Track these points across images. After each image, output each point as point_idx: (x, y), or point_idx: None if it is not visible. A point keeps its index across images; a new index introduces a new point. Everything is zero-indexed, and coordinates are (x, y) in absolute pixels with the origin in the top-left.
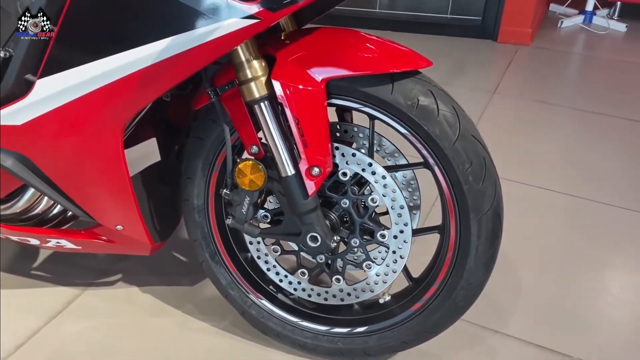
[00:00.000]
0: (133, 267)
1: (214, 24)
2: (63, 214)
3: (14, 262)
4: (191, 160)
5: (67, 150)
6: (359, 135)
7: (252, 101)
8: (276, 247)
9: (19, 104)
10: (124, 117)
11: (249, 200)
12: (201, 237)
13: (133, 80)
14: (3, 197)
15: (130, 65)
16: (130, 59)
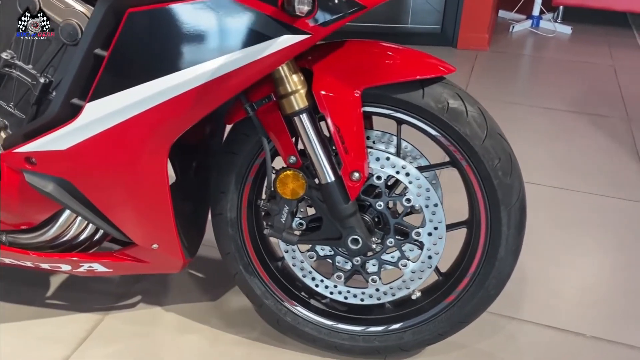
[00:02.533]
0: (151, 288)
1: (267, 41)
2: (90, 238)
3: (26, 291)
4: (224, 175)
5: (111, 173)
6: (381, 140)
7: (293, 113)
8: (312, 254)
9: (65, 128)
10: (171, 137)
11: (287, 209)
12: (235, 250)
13: (184, 100)
14: (37, 224)
15: (182, 85)
16: (183, 79)
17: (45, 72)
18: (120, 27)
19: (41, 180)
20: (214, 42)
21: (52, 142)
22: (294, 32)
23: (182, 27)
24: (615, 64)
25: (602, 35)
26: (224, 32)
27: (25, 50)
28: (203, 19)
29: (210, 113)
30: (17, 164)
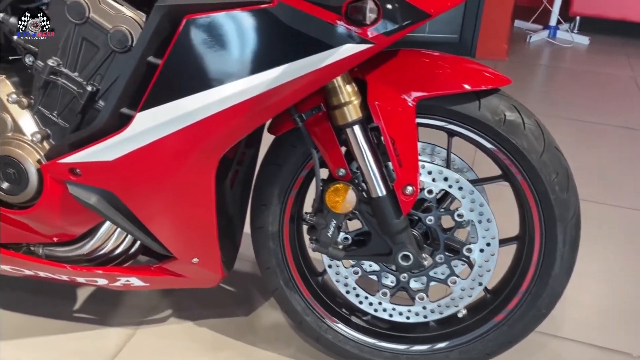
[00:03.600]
0: (181, 301)
1: (329, 50)
2: (126, 252)
3: (52, 304)
4: (267, 187)
5: (158, 185)
6: (425, 151)
7: (345, 125)
8: (357, 269)
9: (114, 139)
10: (222, 149)
11: (335, 223)
12: (275, 264)
13: (239, 111)
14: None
15: (238, 95)
16: (240, 89)
17: (92, 80)
18: (177, 34)
19: (85, 192)
20: (274, 51)
21: (99, 152)
22: (356, 41)
23: (241, 34)
24: (636, 75)
25: (619, 46)
26: (284, 41)
27: (72, 57)
28: (263, 27)
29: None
30: (60, 175)
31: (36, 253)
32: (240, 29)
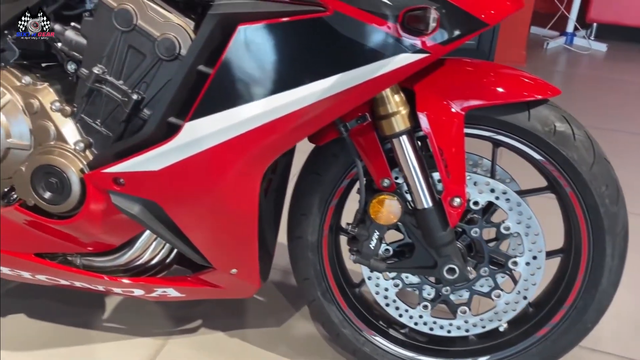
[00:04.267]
0: (211, 311)
1: (384, 59)
2: (162, 263)
3: (81, 313)
4: (307, 197)
5: (203, 195)
6: (468, 162)
7: (392, 135)
8: (397, 282)
9: (161, 148)
10: (270, 159)
11: (377, 235)
12: (313, 275)
13: (290, 120)
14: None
15: (291, 105)
16: (292, 98)
17: (137, 89)
18: (230, 43)
19: (128, 202)
20: (328, 60)
21: (145, 162)
22: (412, 51)
23: (295, 43)
24: None
25: (637, 53)
26: (339, 50)
27: (117, 65)
28: (318, 35)
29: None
30: (104, 184)
31: (73, 263)
32: (295, 37)
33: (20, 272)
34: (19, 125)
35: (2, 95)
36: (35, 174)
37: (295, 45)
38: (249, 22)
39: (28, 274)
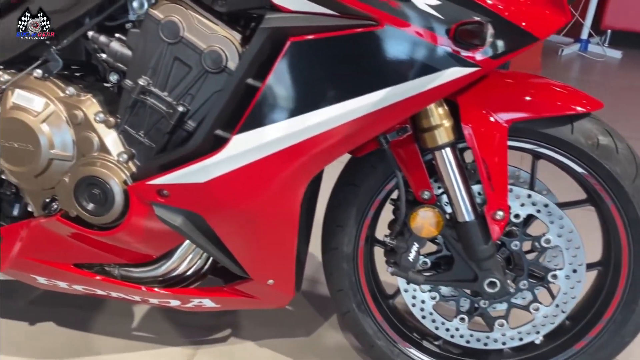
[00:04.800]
0: (239, 320)
1: (435, 73)
2: (197, 274)
3: (110, 322)
4: (343, 208)
5: (246, 207)
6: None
7: (435, 148)
8: (434, 294)
9: (208, 160)
10: (314, 171)
11: (416, 247)
12: (348, 286)
13: (337, 133)
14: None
15: (339, 118)
16: (341, 112)
17: (182, 100)
18: (280, 57)
19: (171, 214)
20: (378, 74)
21: (191, 174)
22: (463, 65)
23: (346, 57)
24: None
25: None
26: (390, 63)
27: (162, 77)
28: (368, 49)
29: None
30: (148, 196)
31: (111, 274)
32: (346, 51)
33: (57, 282)
34: (62, 136)
35: (46, 106)
36: (79, 185)
37: (346, 58)
38: (300, 36)
39: (65, 284)
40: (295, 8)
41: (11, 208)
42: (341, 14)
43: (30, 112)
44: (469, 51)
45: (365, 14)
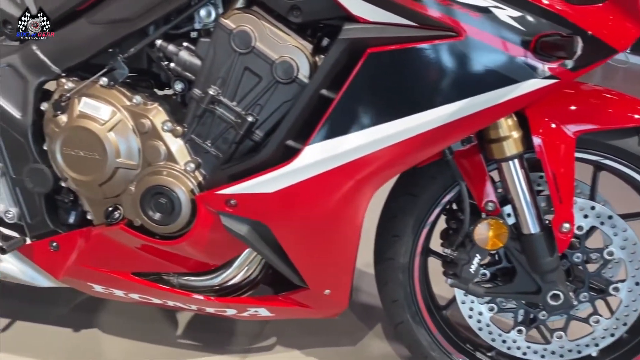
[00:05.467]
0: (284, 328)
1: (514, 84)
2: (251, 283)
3: (154, 331)
4: (400, 218)
5: (312, 217)
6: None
7: (503, 159)
8: (492, 306)
9: (278, 171)
10: (381, 183)
11: (478, 259)
12: (403, 297)
13: (412, 144)
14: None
15: (413, 129)
16: (416, 123)
17: (251, 110)
18: (358, 68)
19: (237, 224)
20: (456, 85)
21: (261, 184)
22: (541, 77)
23: (424, 68)
24: None
25: None
26: (468, 75)
27: (232, 87)
28: (447, 60)
29: None
30: (216, 205)
31: (170, 282)
32: (424, 62)
33: (114, 290)
34: (128, 144)
35: (113, 114)
36: (146, 194)
37: (424, 70)
38: (378, 47)
39: (122, 292)
40: (374, 19)
41: (67, 215)
42: (420, 24)
43: (97, 120)
44: (549, 63)
45: (445, 25)
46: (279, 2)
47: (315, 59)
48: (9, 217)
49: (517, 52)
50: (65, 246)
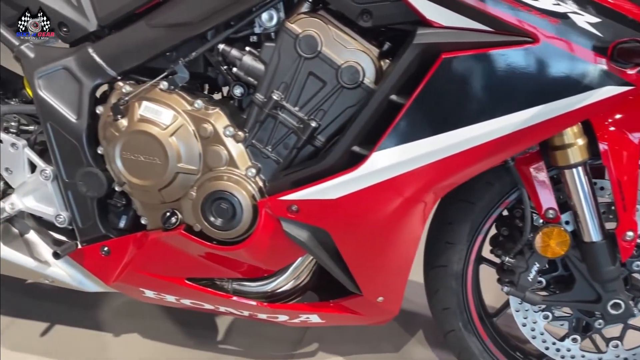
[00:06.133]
0: (325, 335)
1: (589, 91)
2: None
3: (195, 336)
4: (456, 225)
5: (373, 224)
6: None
7: (567, 166)
8: (547, 314)
9: (343, 177)
10: (447, 190)
11: (537, 267)
12: (455, 305)
13: (482, 151)
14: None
15: (485, 136)
16: (488, 129)
17: (314, 116)
18: (431, 73)
19: (298, 230)
20: (531, 91)
21: (324, 191)
22: (617, 84)
23: (499, 74)
24: None
25: None
26: (543, 81)
27: (295, 92)
28: (523, 66)
29: None
30: (278, 211)
31: (224, 288)
32: (499, 67)
33: (165, 296)
34: (189, 149)
35: (174, 119)
36: (207, 200)
37: (499, 75)
38: (453, 52)
39: (174, 298)
40: (448, 23)
41: (118, 220)
42: (496, 30)
43: (158, 125)
44: (625, 70)
45: (521, 30)
46: (349, 6)
47: (380, 63)
48: (59, 221)
49: (593, 58)
50: (117, 251)
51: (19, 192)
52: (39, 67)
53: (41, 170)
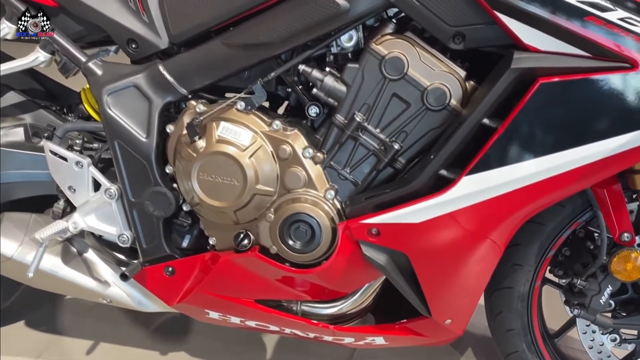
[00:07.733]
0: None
1: None
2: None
3: (243, 353)
4: (524, 246)
5: (454, 248)
6: None
7: None
8: (614, 336)
9: (430, 201)
10: (532, 214)
11: (610, 290)
12: (520, 327)
13: (569, 177)
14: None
15: (576, 162)
16: (580, 155)
17: (396, 138)
18: (527, 97)
19: (377, 253)
20: (627, 117)
21: (408, 215)
22: None
23: (596, 99)
24: None
25: None
26: None
27: (378, 113)
28: (620, 92)
29: None
30: (359, 234)
31: (292, 310)
32: (596, 93)
33: (230, 317)
34: (267, 170)
35: (253, 140)
36: (286, 222)
37: (596, 101)
38: (550, 77)
39: (239, 319)
40: (546, 48)
41: (182, 239)
42: (593, 55)
43: (237, 146)
44: None
45: (620, 56)
46: (441, 28)
47: (466, 85)
48: (122, 241)
49: None
50: (182, 271)
51: (81, 210)
52: (108, 84)
53: (106, 189)
